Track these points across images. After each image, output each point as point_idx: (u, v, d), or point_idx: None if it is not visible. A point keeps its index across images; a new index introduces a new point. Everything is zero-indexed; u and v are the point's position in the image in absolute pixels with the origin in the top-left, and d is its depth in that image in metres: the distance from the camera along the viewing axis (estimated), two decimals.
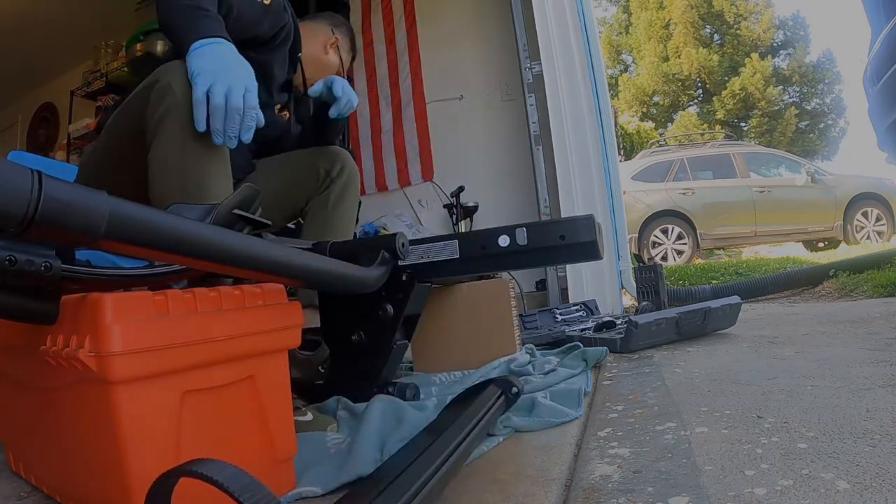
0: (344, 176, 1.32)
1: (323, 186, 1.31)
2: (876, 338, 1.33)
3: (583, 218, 0.95)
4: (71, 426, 0.57)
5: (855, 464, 0.59)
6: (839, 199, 6.28)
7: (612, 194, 2.37)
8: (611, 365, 1.32)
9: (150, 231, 0.46)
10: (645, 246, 6.07)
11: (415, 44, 3.14)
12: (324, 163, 1.31)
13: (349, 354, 1.05)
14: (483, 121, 2.98)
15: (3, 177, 0.36)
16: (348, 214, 1.34)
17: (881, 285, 2.45)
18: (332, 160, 1.31)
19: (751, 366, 1.14)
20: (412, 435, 0.69)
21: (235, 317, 0.59)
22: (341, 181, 1.31)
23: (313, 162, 1.31)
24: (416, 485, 0.50)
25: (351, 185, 1.33)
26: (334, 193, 1.31)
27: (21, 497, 0.68)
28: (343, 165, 1.32)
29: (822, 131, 14.89)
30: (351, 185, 1.33)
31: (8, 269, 0.42)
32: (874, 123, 1.75)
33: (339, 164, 1.32)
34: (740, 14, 14.47)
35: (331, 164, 1.31)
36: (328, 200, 1.31)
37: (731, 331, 1.64)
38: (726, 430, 0.74)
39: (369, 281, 0.85)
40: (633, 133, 12.59)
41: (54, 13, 3.60)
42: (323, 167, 1.31)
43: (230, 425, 0.59)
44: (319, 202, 1.31)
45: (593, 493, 0.59)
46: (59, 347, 0.50)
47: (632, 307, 2.50)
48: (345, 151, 1.35)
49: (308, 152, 1.34)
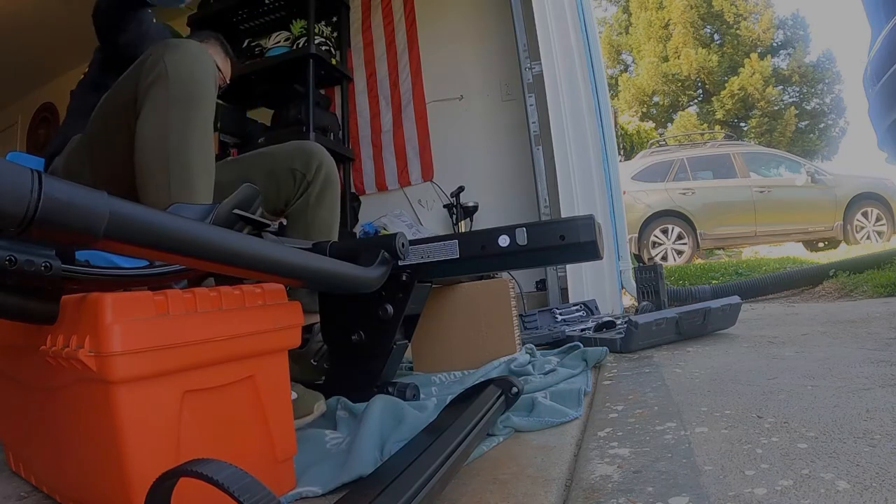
0: (321, 175, 1.29)
1: (301, 189, 1.28)
2: (876, 338, 1.33)
3: (583, 218, 0.95)
4: (71, 426, 0.57)
5: (855, 464, 0.59)
6: (839, 199, 6.27)
7: (612, 194, 2.37)
8: (611, 365, 1.32)
9: (150, 231, 0.46)
10: (645, 246, 6.08)
11: (415, 44, 3.14)
12: (299, 163, 1.28)
13: (349, 354, 1.05)
14: (483, 121, 2.98)
15: (3, 177, 0.36)
16: (331, 216, 1.31)
17: (881, 285, 2.45)
18: (307, 160, 1.28)
19: (751, 366, 1.14)
20: (412, 435, 0.69)
21: (235, 317, 0.59)
22: (318, 182, 1.29)
23: (289, 163, 1.28)
24: (416, 485, 0.50)
25: (329, 184, 1.30)
26: (313, 196, 1.28)
27: (21, 497, 0.68)
28: (320, 163, 1.29)
29: (822, 131, 14.88)
30: (329, 184, 1.30)
31: (8, 269, 0.42)
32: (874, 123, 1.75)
33: (316, 163, 1.28)
34: (740, 14, 14.47)
35: (306, 165, 1.28)
36: (307, 204, 1.28)
37: (731, 331, 1.64)
38: (726, 430, 0.74)
39: (369, 281, 0.85)
40: (633, 133, 12.58)
41: (54, 13, 3.61)
42: (299, 168, 1.27)
43: (230, 425, 0.59)
44: (299, 206, 1.29)
45: (593, 493, 0.59)
46: (59, 347, 0.50)
47: (632, 307, 2.50)
48: (320, 147, 1.31)
49: (284, 151, 1.30)
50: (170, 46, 0.93)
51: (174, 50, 0.93)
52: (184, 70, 0.92)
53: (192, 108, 0.92)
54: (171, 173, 0.89)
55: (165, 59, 0.92)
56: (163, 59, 0.92)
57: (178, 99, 0.91)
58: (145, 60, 0.94)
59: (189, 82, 0.92)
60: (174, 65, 0.91)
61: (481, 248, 1.01)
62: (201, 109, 0.94)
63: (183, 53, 0.93)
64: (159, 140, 0.91)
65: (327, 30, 3.09)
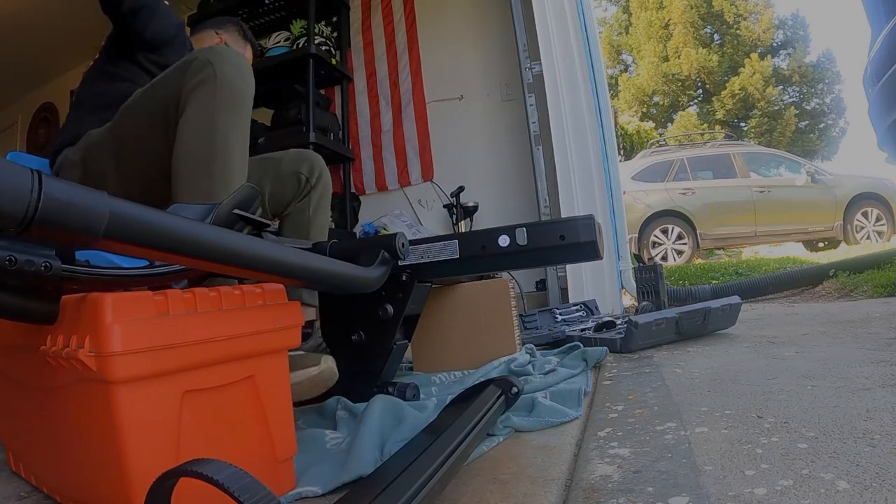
0: (322, 183, 1.37)
1: (303, 192, 1.35)
2: (876, 338, 1.33)
3: (583, 218, 0.95)
4: (71, 426, 0.57)
5: (855, 464, 0.59)
6: (839, 199, 6.27)
7: (612, 194, 2.37)
8: (611, 365, 1.32)
9: (150, 231, 0.46)
10: (645, 246, 6.07)
11: (415, 44, 3.14)
12: (305, 169, 1.35)
13: (349, 354, 1.05)
14: (483, 121, 2.98)
15: (3, 177, 0.36)
16: (326, 219, 1.41)
17: (881, 285, 2.45)
18: (311, 166, 1.36)
19: (751, 366, 1.14)
20: (412, 435, 0.69)
21: (235, 317, 0.59)
22: (320, 187, 1.37)
23: (295, 167, 1.35)
24: (416, 485, 0.50)
25: (326, 191, 1.40)
26: (314, 199, 1.36)
27: (21, 497, 0.68)
28: (321, 172, 1.37)
29: (822, 131, 14.87)
30: (326, 191, 1.40)
31: (8, 269, 0.42)
32: (874, 123, 1.74)
33: (318, 171, 1.37)
34: (740, 14, 14.47)
35: (310, 171, 1.36)
36: (308, 207, 1.35)
37: (731, 331, 1.64)
38: (726, 430, 0.74)
39: (369, 281, 0.85)
40: (633, 133, 12.57)
41: (54, 13, 3.60)
42: (304, 173, 1.35)
43: (230, 425, 0.59)
44: (300, 208, 1.36)
45: (593, 493, 0.59)
46: (59, 347, 0.50)
47: (632, 307, 2.50)
48: (320, 157, 1.40)
49: (290, 157, 1.37)
50: (216, 52, 0.98)
51: (221, 56, 0.98)
52: (230, 75, 0.97)
53: (236, 111, 0.97)
54: (214, 173, 0.92)
55: (214, 62, 0.96)
56: (210, 63, 0.96)
57: (225, 102, 0.95)
58: (191, 63, 0.98)
59: (235, 87, 0.97)
60: (222, 70, 0.96)
61: (481, 248, 1.01)
62: (244, 115, 0.99)
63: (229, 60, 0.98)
64: (205, 140, 0.94)
65: (327, 30, 3.09)
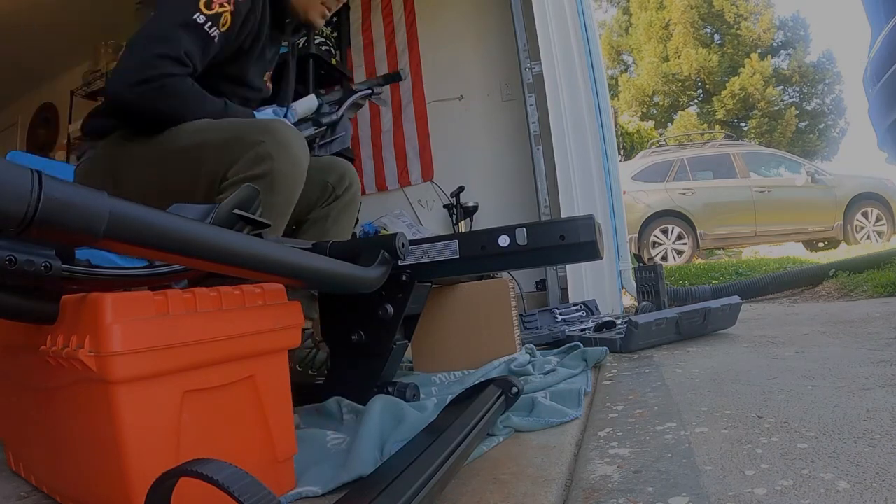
0: (349, 193, 1.36)
1: (327, 200, 1.34)
2: (876, 338, 1.33)
3: (583, 218, 0.95)
4: (71, 426, 0.57)
5: (855, 464, 0.59)
6: (839, 199, 6.27)
7: (612, 194, 2.37)
8: (611, 365, 1.32)
9: (150, 231, 0.46)
10: (645, 246, 6.07)
11: (415, 43, 3.14)
12: (332, 177, 1.34)
13: (349, 354, 1.05)
14: (483, 121, 2.98)
15: (3, 177, 0.36)
16: (347, 230, 1.39)
17: (881, 285, 2.45)
18: (340, 176, 1.35)
19: (751, 366, 1.14)
20: (412, 435, 0.69)
21: (235, 317, 0.59)
22: (346, 197, 1.35)
23: (322, 175, 1.33)
24: (416, 485, 0.50)
25: (353, 202, 1.38)
26: (336, 209, 1.34)
27: (21, 497, 0.68)
28: (350, 183, 1.36)
29: (822, 131, 14.87)
30: (353, 202, 1.38)
31: (8, 269, 0.42)
32: (874, 123, 1.74)
33: (347, 182, 1.35)
34: (740, 14, 14.47)
35: (338, 180, 1.34)
36: (329, 215, 1.34)
37: (731, 331, 1.64)
38: (726, 430, 0.74)
39: (369, 281, 0.85)
40: (633, 133, 12.57)
41: (54, 13, 3.60)
42: (331, 182, 1.33)
43: (230, 425, 0.59)
44: (321, 215, 1.34)
45: (593, 493, 0.59)
46: (59, 347, 0.50)
47: (632, 307, 2.50)
48: (352, 168, 1.39)
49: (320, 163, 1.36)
50: (279, 143, 0.99)
51: (281, 149, 0.98)
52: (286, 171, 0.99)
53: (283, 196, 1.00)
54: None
55: (274, 157, 0.97)
56: (271, 158, 0.97)
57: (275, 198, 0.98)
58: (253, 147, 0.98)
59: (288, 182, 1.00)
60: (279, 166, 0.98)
61: (481, 248, 1.00)
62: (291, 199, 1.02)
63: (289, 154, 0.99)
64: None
65: (327, 30, 3.08)
